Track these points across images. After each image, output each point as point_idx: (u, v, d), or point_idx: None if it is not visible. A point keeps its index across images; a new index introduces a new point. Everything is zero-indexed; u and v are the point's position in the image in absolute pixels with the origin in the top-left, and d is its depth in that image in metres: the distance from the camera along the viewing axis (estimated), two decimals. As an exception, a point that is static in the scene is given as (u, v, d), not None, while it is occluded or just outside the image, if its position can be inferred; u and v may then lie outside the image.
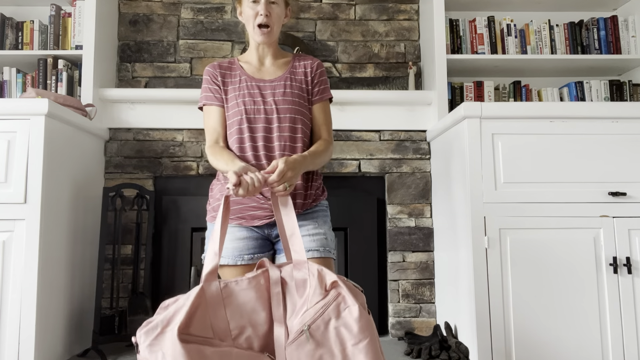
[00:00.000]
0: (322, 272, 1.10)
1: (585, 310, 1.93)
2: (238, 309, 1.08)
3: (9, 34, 2.66)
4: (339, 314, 1.07)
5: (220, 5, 2.81)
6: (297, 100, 1.46)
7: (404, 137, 2.68)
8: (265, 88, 1.46)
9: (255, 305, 1.09)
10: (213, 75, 1.49)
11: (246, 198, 1.42)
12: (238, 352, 1.04)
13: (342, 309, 1.07)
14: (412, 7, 2.85)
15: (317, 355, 1.05)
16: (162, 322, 1.02)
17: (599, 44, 2.75)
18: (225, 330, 1.05)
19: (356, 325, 1.05)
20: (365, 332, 1.05)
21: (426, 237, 2.61)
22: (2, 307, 1.88)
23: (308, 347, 1.05)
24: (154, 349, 1.01)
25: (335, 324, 1.06)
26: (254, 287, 1.10)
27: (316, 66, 1.53)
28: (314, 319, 1.06)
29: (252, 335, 1.07)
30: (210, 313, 1.05)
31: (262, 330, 1.08)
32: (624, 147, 2.03)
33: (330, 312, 1.07)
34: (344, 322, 1.06)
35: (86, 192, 2.38)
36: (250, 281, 1.11)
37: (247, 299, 1.09)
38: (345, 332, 1.06)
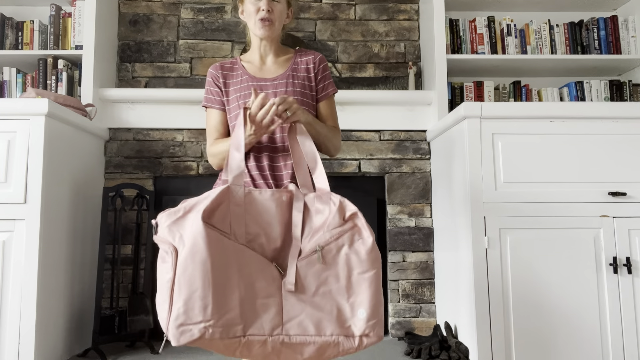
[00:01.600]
0: (344, 203, 1.15)
1: (585, 310, 1.93)
2: (256, 216, 1.13)
3: (9, 34, 2.66)
4: (353, 243, 1.13)
5: (220, 5, 2.81)
6: (300, 98, 1.45)
7: (404, 137, 2.68)
8: (267, 87, 1.46)
9: (273, 219, 1.14)
10: (215, 77, 1.49)
11: None
12: (251, 252, 1.10)
13: (356, 239, 1.13)
14: (412, 7, 2.85)
15: (323, 275, 1.10)
16: (185, 208, 1.09)
17: (599, 44, 2.75)
18: (241, 232, 1.11)
19: (366, 255, 1.11)
20: (374, 263, 1.11)
21: (426, 237, 2.61)
22: (2, 307, 1.88)
23: (317, 266, 1.10)
24: (172, 229, 1.06)
25: (347, 250, 1.12)
26: (276, 201, 1.15)
27: (318, 61, 1.52)
28: (328, 242, 1.11)
29: (264, 244, 1.12)
30: (232, 212, 1.11)
31: (274, 244, 1.13)
32: (624, 147, 2.03)
33: (345, 239, 1.12)
34: (355, 250, 1.12)
35: (86, 192, 2.38)
36: (273, 194, 1.15)
37: (267, 209, 1.14)
38: (355, 260, 1.11)
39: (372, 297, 1.09)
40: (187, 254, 1.02)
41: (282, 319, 1.07)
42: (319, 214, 1.15)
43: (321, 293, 1.09)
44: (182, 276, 1.01)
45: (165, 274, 1.05)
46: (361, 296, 1.09)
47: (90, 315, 2.38)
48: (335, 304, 1.09)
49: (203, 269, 1.01)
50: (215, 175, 2.63)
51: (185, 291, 1.01)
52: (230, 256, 1.06)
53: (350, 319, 1.09)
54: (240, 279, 1.06)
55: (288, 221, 1.15)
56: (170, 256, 1.04)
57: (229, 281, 1.04)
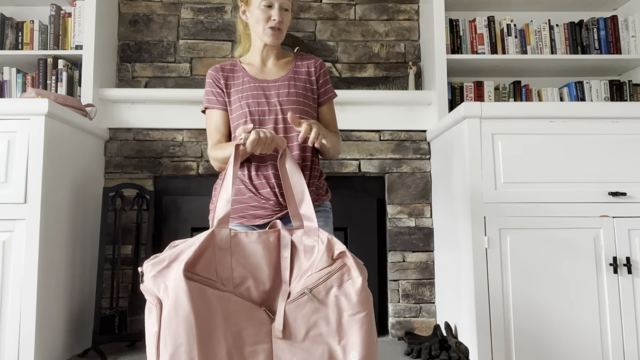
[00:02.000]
0: (332, 241, 1.13)
1: (585, 311, 1.93)
2: (243, 260, 1.12)
3: (9, 34, 2.66)
4: (342, 284, 1.10)
5: (220, 5, 2.81)
6: (302, 100, 1.46)
7: (404, 137, 2.68)
8: (269, 89, 1.45)
9: (261, 261, 1.12)
10: (215, 79, 1.48)
11: (247, 197, 1.41)
12: (237, 299, 1.08)
13: (346, 279, 1.11)
14: (412, 7, 2.85)
15: (313, 319, 1.08)
16: (170, 257, 1.07)
17: (599, 44, 2.75)
18: (228, 278, 1.09)
19: (356, 296, 1.09)
20: (364, 305, 1.09)
21: (426, 237, 2.61)
22: (2, 307, 1.88)
23: (306, 309, 1.08)
24: (157, 281, 1.05)
25: (336, 292, 1.10)
26: (262, 243, 1.13)
27: (319, 65, 1.54)
28: (316, 284, 1.09)
29: (252, 287, 1.11)
30: (217, 258, 1.09)
31: (263, 287, 1.11)
32: (624, 147, 2.03)
33: (334, 280, 1.10)
34: (345, 292, 1.10)
35: (86, 192, 2.38)
36: (260, 236, 1.14)
37: (254, 252, 1.12)
38: (344, 302, 1.09)
39: (364, 338, 1.07)
40: (170, 309, 1.01)
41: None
42: (307, 253, 1.13)
43: (312, 337, 1.08)
44: (167, 330, 1.01)
45: (152, 327, 1.04)
46: (352, 338, 1.07)
47: (90, 315, 2.38)
48: (326, 347, 1.07)
49: (187, 324, 1.00)
50: (215, 175, 2.63)
51: (171, 346, 1.00)
52: (215, 307, 1.04)
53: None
54: (227, 329, 1.05)
55: (277, 262, 1.14)
56: (155, 308, 1.04)
57: (214, 333, 1.03)
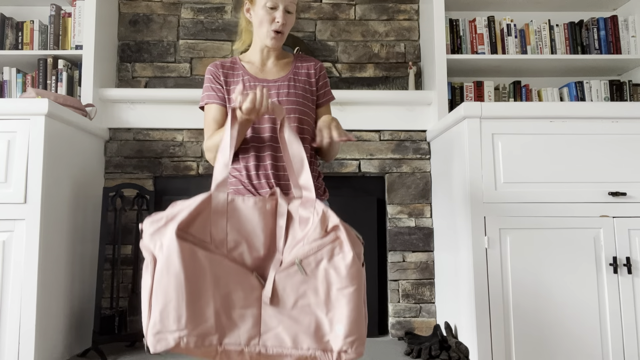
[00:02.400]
0: (327, 214, 1.13)
1: (585, 310, 1.93)
2: (238, 224, 1.13)
3: (9, 34, 2.66)
4: (332, 257, 1.10)
5: (220, 5, 2.81)
6: (301, 100, 1.46)
7: (404, 137, 2.68)
8: (269, 88, 1.45)
9: (256, 227, 1.13)
10: (215, 75, 1.48)
11: (244, 190, 1.41)
12: (229, 263, 1.09)
13: (336, 252, 1.11)
14: (412, 7, 2.85)
15: (302, 289, 1.09)
16: (168, 217, 1.10)
17: (599, 44, 2.75)
18: (222, 240, 1.11)
19: (346, 271, 1.09)
20: (353, 280, 1.09)
21: (426, 237, 2.61)
22: (2, 306, 1.88)
23: (296, 279, 1.09)
24: (154, 238, 1.08)
25: (326, 265, 1.10)
26: (259, 210, 1.14)
27: (319, 68, 1.54)
28: (307, 254, 1.10)
29: (245, 252, 1.12)
30: (212, 221, 1.11)
31: (257, 253, 1.13)
32: (624, 147, 2.03)
33: (324, 252, 1.10)
34: (335, 265, 1.10)
35: (86, 192, 2.38)
36: (256, 202, 1.14)
37: (250, 218, 1.13)
38: (333, 275, 1.09)
39: (351, 313, 1.07)
40: (162, 266, 1.05)
41: (260, 330, 1.08)
42: (302, 223, 1.14)
43: (300, 306, 1.09)
44: (158, 286, 1.04)
45: (146, 282, 1.07)
46: (340, 312, 1.07)
47: (90, 315, 2.38)
48: (314, 318, 1.08)
49: (176, 282, 1.03)
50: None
51: (161, 301, 1.04)
52: (205, 268, 1.07)
53: (329, 333, 1.08)
54: (216, 290, 1.07)
55: (272, 230, 1.15)
56: (150, 265, 1.07)
57: (203, 293, 1.06)
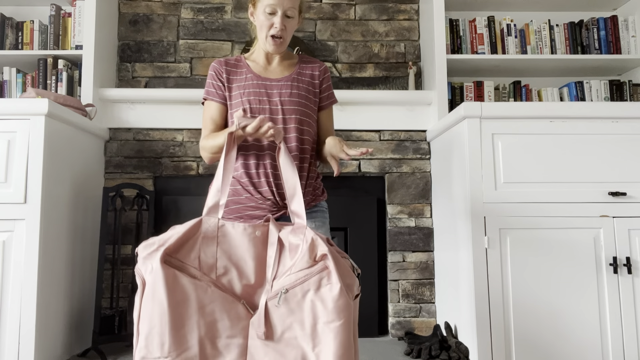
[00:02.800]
0: (316, 242, 1.09)
1: (585, 311, 1.93)
2: (229, 250, 1.12)
3: (9, 34, 2.66)
4: (319, 288, 1.06)
5: (220, 5, 2.81)
6: (304, 102, 1.46)
7: (404, 137, 2.68)
8: (272, 87, 1.45)
9: (246, 254, 1.12)
10: (218, 72, 1.48)
11: (244, 198, 1.41)
12: (214, 290, 1.08)
13: (324, 284, 1.06)
14: (412, 7, 2.85)
15: (288, 321, 1.06)
16: (159, 241, 1.09)
17: (599, 44, 2.75)
18: (211, 266, 1.10)
19: (333, 303, 1.04)
20: (340, 313, 1.03)
21: (426, 237, 2.61)
22: (2, 306, 1.88)
23: (282, 309, 1.06)
24: (146, 262, 1.08)
25: (312, 296, 1.06)
26: (248, 236, 1.13)
27: (323, 70, 1.54)
28: (293, 285, 1.07)
29: (235, 279, 1.10)
30: (202, 246, 1.11)
31: (246, 281, 1.11)
32: (624, 147, 2.03)
33: (311, 283, 1.06)
34: (321, 297, 1.05)
35: (86, 192, 2.38)
36: (246, 229, 1.13)
37: (240, 244, 1.12)
38: (320, 308, 1.05)
39: (339, 349, 1.02)
40: (148, 291, 1.05)
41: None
42: (292, 251, 1.11)
43: (286, 339, 1.05)
44: (145, 311, 1.05)
45: (137, 305, 1.08)
46: (327, 347, 1.02)
47: (90, 315, 2.38)
48: (300, 352, 1.04)
49: (160, 308, 1.04)
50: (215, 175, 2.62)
51: (146, 326, 1.04)
52: (190, 295, 1.06)
53: None
54: (201, 318, 1.06)
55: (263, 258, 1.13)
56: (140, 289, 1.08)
57: (187, 320, 1.05)
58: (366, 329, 2.54)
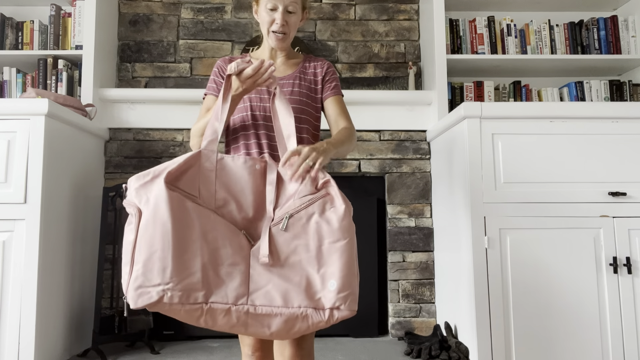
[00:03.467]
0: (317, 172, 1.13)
1: (585, 310, 1.93)
2: (227, 183, 1.11)
3: (9, 34, 2.66)
4: (324, 211, 1.09)
5: (220, 5, 2.81)
6: (305, 100, 1.46)
7: (404, 137, 2.68)
8: None
9: (245, 187, 1.11)
10: (220, 69, 1.50)
11: None
12: (217, 217, 1.07)
13: (328, 207, 1.09)
14: (412, 7, 2.85)
15: (293, 244, 1.06)
16: (154, 172, 1.06)
17: (599, 44, 2.75)
18: (210, 197, 1.09)
19: (338, 223, 1.07)
20: (345, 232, 1.07)
21: (426, 237, 2.61)
22: (2, 307, 1.88)
23: (287, 235, 1.07)
24: (140, 193, 1.05)
25: (317, 218, 1.08)
26: (248, 169, 1.12)
27: (327, 67, 1.54)
28: (298, 209, 1.08)
29: (234, 212, 1.09)
30: (201, 177, 1.09)
31: (245, 214, 1.10)
32: (624, 147, 2.03)
33: (316, 206, 1.09)
34: (327, 218, 1.08)
35: (86, 192, 2.38)
36: (246, 161, 1.12)
37: (239, 177, 1.11)
38: (325, 229, 1.07)
39: (344, 267, 1.04)
40: (148, 215, 1.01)
41: (248, 289, 1.04)
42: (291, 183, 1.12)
43: (290, 263, 1.05)
44: (143, 237, 1.00)
45: (129, 236, 1.03)
46: (332, 267, 1.05)
47: (90, 315, 2.38)
48: (305, 274, 1.05)
49: (163, 230, 0.99)
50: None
51: (145, 252, 0.99)
52: (194, 220, 1.03)
53: (321, 291, 1.05)
54: (204, 244, 1.03)
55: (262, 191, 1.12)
56: (134, 218, 1.03)
57: (191, 244, 1.02)
58: (366, 329, 2.54)
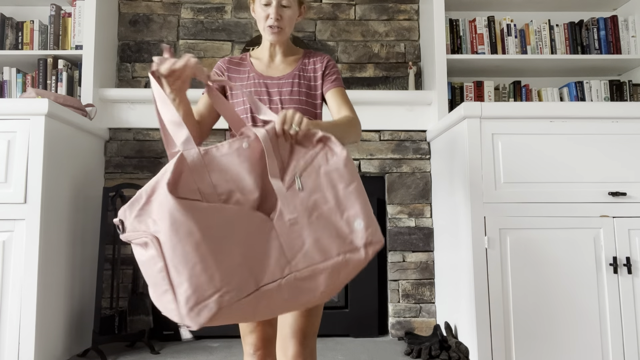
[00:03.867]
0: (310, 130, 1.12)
1: (585, 310, 1.93)
2: (222, 174, 1.05)
3: (9, 34, 2.66)
4: (328, 161, 1.10)
5: (220, 5, 2.81)
6: (304, 99, 1.47)
7: (404, 137, 2.68)
8: (273, 86, 1.47)
9: (240, 169, 1.06)
10: (220, 69, 1.52)
11: None
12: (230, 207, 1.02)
13: (330, 156, 1.10)
14: (412, 7, 2.85)
15: (311, 200, 1.06)
16: (146, 192, 0.99)
17: (599, 44, 2.75)
18: (212, 194, 1.03)
19: (344, 168, 1.09)
20: (353, 175, 1.09)
21: (426, 237, 2.61)
22: (2, 307, 1.88)
23: (302, 194, 1.06)
24: (142, 219, 0.98)
25: (325, 169, 1.09)
26: (236, 152, 1.07)
27: (326, 61, 1.54)
28: (305, 167, 1.08)
29: (241, 199, 1.05)
30: (195, 178, 1.03)
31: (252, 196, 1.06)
32: (624, 147, 2.03)
33: (320, 159, 1.09)
34: (334, 166, 1.09)
35: (86, 192, 2.38)
36: (230, 145, 1.07)
37: (230, 163, 1.06)
38: (336, 176, 1.08)
39: (363, 206, 1.07)
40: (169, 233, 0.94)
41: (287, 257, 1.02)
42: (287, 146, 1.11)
43: (315, 218, 1.05)
44: (174, 257, 0.94)
45: (154, 265, 0.96)
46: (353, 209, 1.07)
47: (90, 315, 2.38)
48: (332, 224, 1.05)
49: (193, 241, 0.94)
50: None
51: (185, 270, 0.93)
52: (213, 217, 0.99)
53: (350, 233, 1.06)
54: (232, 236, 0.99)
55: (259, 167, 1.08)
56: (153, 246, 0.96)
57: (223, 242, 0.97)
58: (366, 329, 2.54)
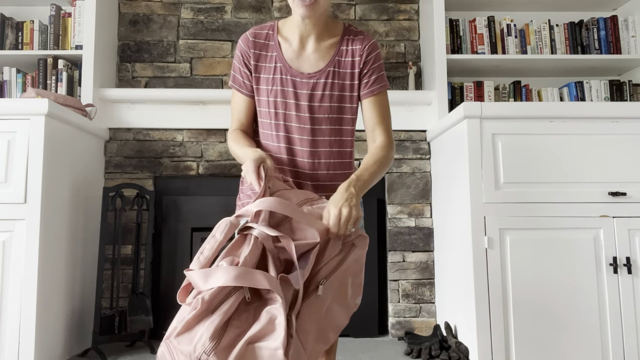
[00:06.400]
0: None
1: (585, 310, 1.93)
2: None
3: (9, 34, 2.66)
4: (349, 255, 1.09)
5: (220, 5, 2.81)
6: (336, 105, 1.29)
7: (404, 137, 2.68)
8: (302, 86, 1.27)
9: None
10: (245, 55, 1.30)
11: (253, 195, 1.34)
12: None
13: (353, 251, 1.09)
14: (412, 7, 2.85)
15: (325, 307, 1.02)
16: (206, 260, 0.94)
17: (599, 44, 2.75)
18: None
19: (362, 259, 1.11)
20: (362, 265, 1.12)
21: (426, 237, 2.61)
22: (2, 307, 1.88)
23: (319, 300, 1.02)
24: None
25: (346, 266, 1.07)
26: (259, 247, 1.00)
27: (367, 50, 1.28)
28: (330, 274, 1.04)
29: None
30: None
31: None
32: (624, 147, 2.03)
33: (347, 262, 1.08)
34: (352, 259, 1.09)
35: (86, 192, 2.38)
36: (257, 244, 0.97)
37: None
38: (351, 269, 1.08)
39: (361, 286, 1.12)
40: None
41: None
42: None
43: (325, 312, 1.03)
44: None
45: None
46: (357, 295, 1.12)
47: (90, 315, 2.38)
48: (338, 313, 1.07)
49: None
50: (215, 175, 2.63)
51: None
52: None
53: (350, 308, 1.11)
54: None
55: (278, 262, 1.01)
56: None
57: None
58: (366, 329, 2.54)
